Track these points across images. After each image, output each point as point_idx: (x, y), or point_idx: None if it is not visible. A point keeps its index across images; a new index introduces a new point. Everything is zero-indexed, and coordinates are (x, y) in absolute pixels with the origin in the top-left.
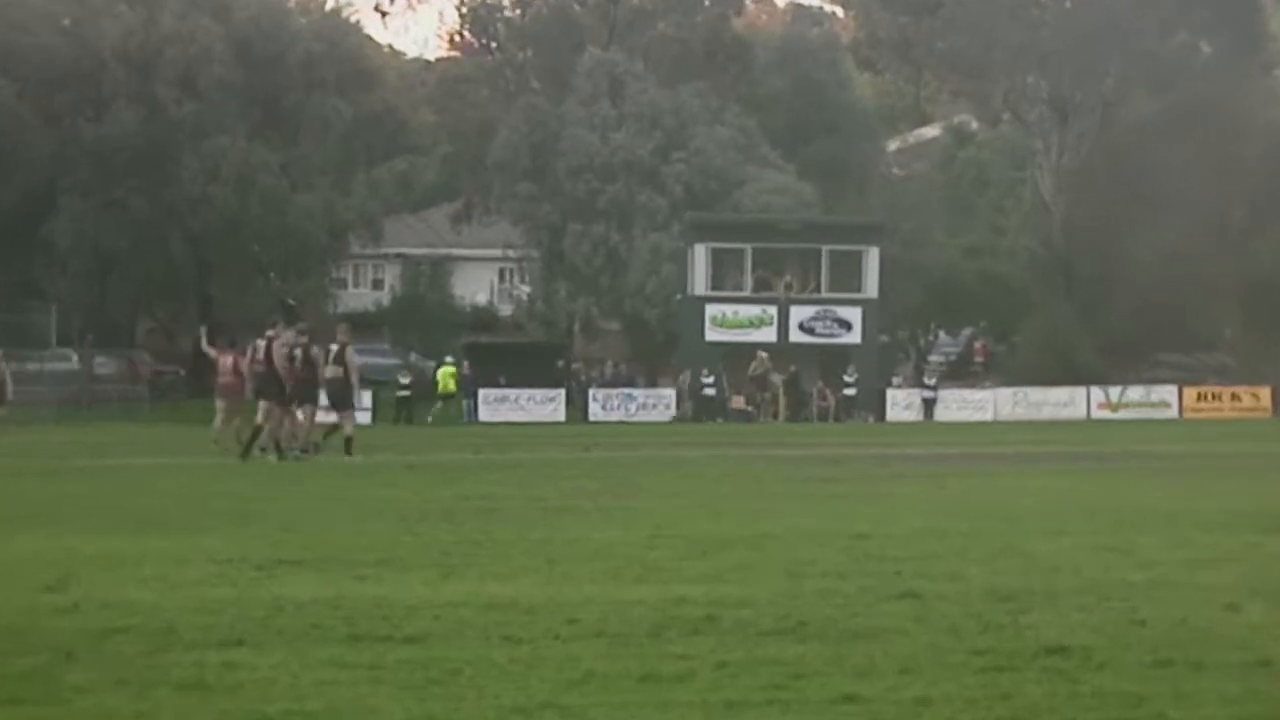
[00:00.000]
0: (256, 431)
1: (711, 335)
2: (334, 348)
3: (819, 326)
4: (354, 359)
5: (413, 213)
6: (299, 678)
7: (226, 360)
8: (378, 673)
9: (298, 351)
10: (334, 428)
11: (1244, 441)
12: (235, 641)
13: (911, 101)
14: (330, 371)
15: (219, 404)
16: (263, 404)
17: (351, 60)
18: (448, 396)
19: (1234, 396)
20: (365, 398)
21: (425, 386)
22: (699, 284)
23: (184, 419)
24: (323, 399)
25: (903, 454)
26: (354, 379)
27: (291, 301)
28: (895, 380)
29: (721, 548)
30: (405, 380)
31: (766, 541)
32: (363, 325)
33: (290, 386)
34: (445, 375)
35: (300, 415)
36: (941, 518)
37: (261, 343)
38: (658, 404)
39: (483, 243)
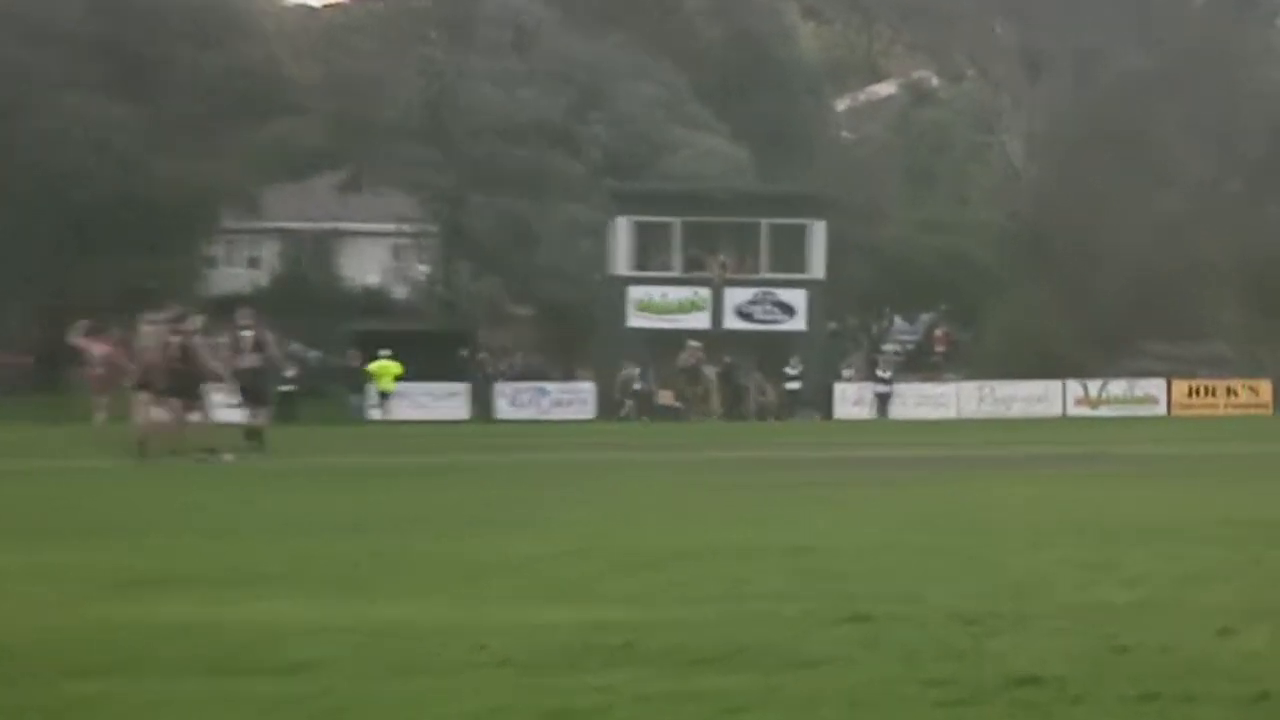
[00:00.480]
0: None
1: (635, 321)
2: (246, 334)
3: (758, 311)
4: (274, 347)
5: (293, 181)
6: (160, 713)
7: (99, 350)
8: (253, 707)
9: (174, 338)
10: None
11: (1242, 442)
12: (90, 671)
13: (863, 55)
14: (249, 360)
15: (95, 400)
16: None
17: (221, 5)
18: (384, 395)
19: (1230, 391)
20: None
21: (311, 380)
22: (621, 263)
23: (28, 417)
24: (199, 393)
25: (853, 456)
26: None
27: (153, 284)
28: (845, 373)
29: (646, 564)
30: (288, 373)
31: (697, 557)
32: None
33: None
34: (383, 371)
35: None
36: (897, 529)
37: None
38: (574, 400)
39: (374, 215)
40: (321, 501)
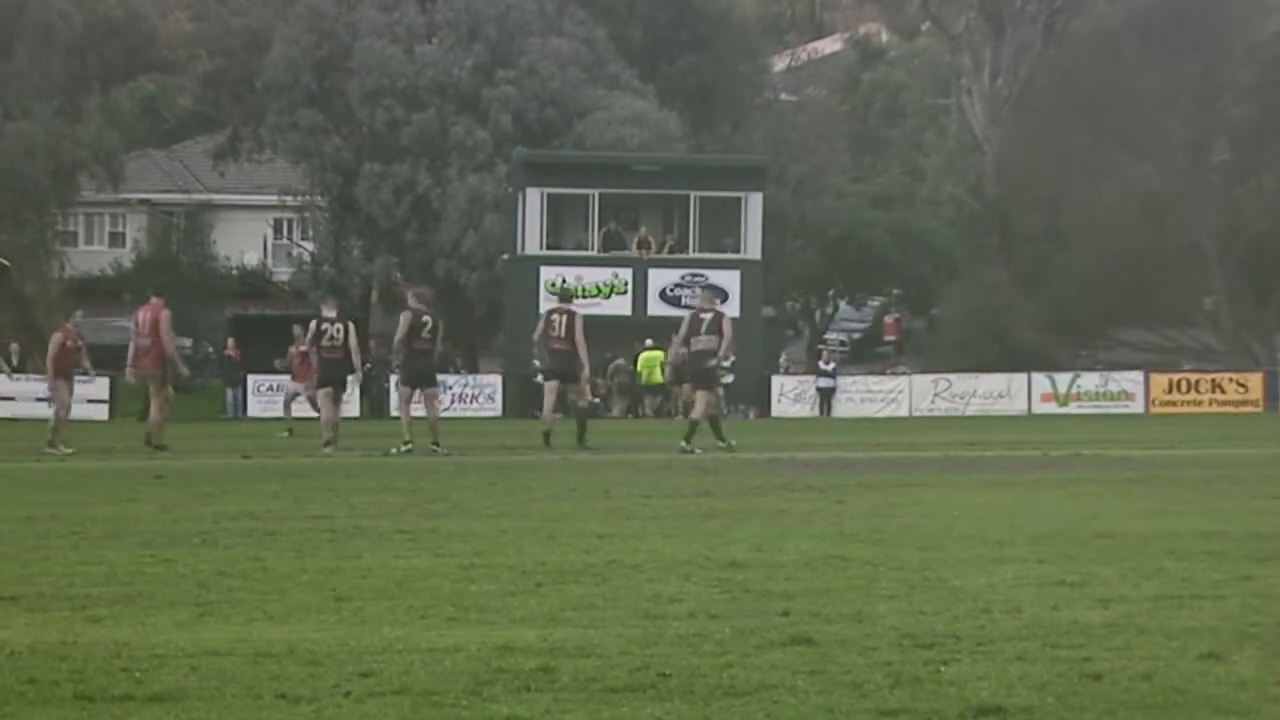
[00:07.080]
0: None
1: (548, 306)
2: (559, 318)
3: (686, 295)
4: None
5: (163, 148)
6: None
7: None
8: None
9: (426, 318)
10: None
11: (1228, 443)
12: None
13: (804, 8)
14: (562, 344)
15: None
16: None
17: None
18: (655, 389)
19: (1215, 385)
20: (102, 386)
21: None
22: (531, 241)
23: None
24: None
25: (792, 458)
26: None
27: (4, 262)
28: (783, 364)
29: (559, 580)
30: None
31: (617, 572)
32: (97, 292)
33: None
34: (650, 362)
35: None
36: (842, 542)
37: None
38: (479, 394)
39: (253, 187)
40: (179, 509)
